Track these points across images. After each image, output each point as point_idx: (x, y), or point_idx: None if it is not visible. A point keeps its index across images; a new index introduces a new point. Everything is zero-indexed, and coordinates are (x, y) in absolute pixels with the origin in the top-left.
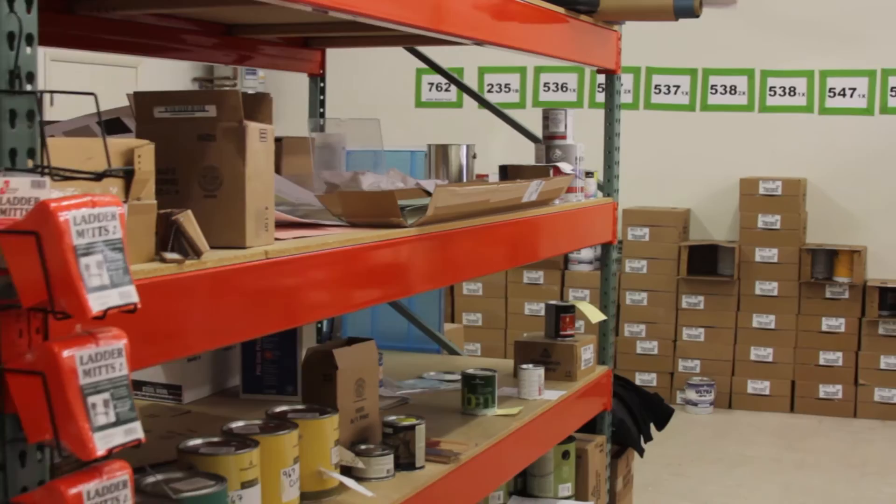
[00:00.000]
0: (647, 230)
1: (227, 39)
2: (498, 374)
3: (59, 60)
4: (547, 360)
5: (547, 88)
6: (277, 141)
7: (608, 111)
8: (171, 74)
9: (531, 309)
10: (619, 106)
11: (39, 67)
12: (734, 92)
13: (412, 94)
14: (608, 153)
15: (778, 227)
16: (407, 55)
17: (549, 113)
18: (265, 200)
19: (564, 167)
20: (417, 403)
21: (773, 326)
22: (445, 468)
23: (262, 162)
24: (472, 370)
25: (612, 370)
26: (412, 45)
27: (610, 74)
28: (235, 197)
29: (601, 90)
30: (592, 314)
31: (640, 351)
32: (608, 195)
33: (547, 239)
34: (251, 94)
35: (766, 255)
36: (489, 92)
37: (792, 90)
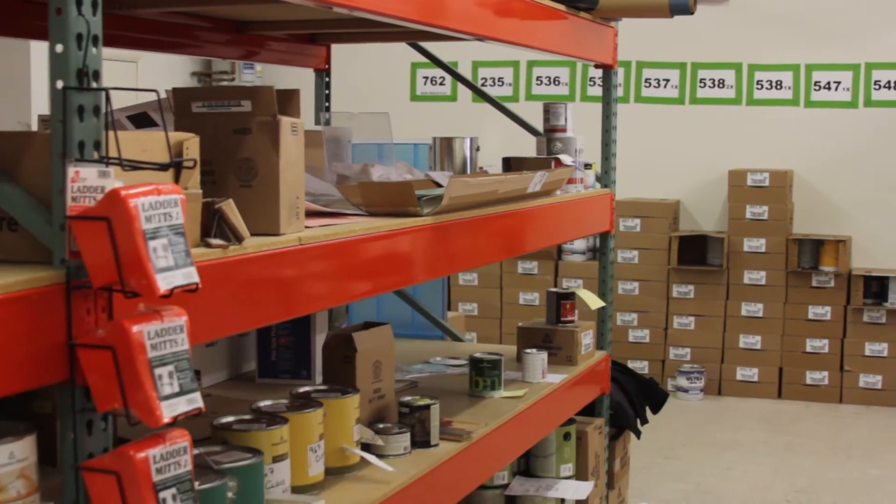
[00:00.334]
0: (638, 221)
1: (237, 36)
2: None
3: None
4: (549, 345)
5: (540, 82)
6: None
7: (605, 105)
8: (169, 69)
9: (526, 298)
10: (615, 100)
11: (43, 63)
12: (722, 85)
13: (407, 87)
14: (605, 146)
15: (765, 217)
16: (402, 49)
17: (549, 107)
18: (297, 190)
19: (565, 159)
20: (426, 387)
21: (761, 315)
22: (458, 446)
23: (293, 154)
24: (479, 354)
25: (609, 355)
26: (415, 40)
27: (607, 69)
28: (270, 187)
29: (592, 84)
30: (592, 301)
31: (632, 339)
32: (605, 186)
33: (551, 228)
34: (281, 89)
35: (753, 245)
36: (483, 85)
37: (778, 84)
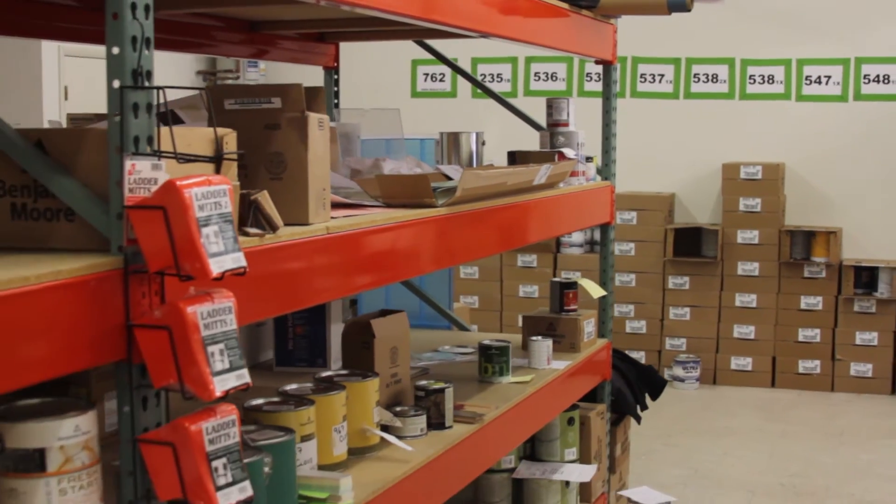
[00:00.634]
0: (634, 214)
1: (250, 35)
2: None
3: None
4: (553, 332)
5: (538, 78)
6: None
7: (605, 100)
8: (175, 67)
9: (525, 291)
10: (615, 95)
11: (54, 62)
12: (716, 80)
13: (408, 84)
14: (606, 139)
15: (758, 209)
16: (403, 47)
17: (552, 102)
18: (323, 182)
19: (568, 152)
20: (437, 373)
21: (754, 305)
22: (471, 428)
23: (320, 148)
24: (488, 341)
25: (611, 343)
26: (420, 38)
27: (607, 65)
28: (299, 179)
29: (589, 79)
30: (593, 290)
31: (629, 330)
32: (606, 179)
33: (555, 218)
34: (308, 87)
35: (747, 236)
36: (482, 81)
37: (770, 78)
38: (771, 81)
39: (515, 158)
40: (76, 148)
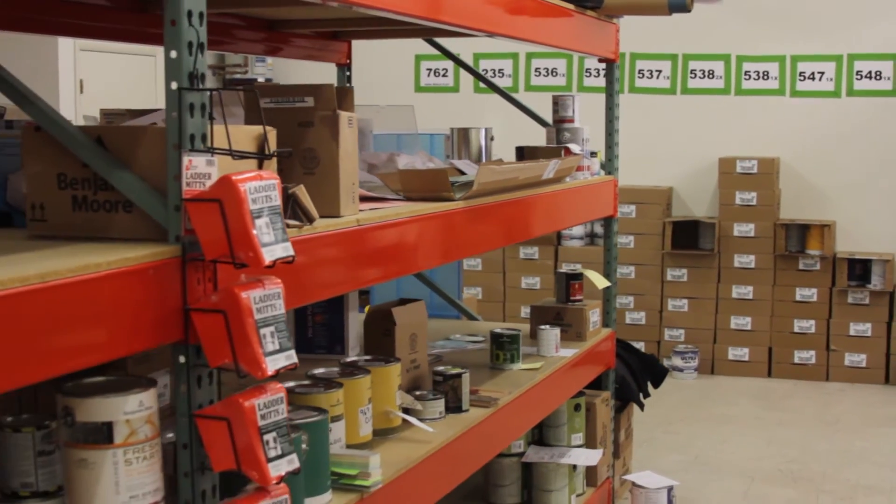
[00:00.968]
0: (633, 207)
1: (268, 34)
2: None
3: (86, 50)
4: (560, 322)
5: (538, 73)
6: None
7: (608, 97)
8: None
9: (527, 282)
10: (618, 91)
11: (69, 56)
12: (712, 76)
13: (411, 79)
14: (609, 135)
15: (754, 203)
16: (406, 43)
17: (558, 99)
18: (353, 177)
19: (574, 148)
20: (450, 360)
21: (750, 297)
22: (487, 411)
23: (350, 144)
24: (499, 329)
25: (615, 332)
26: (430, 37)
27: (609, 63)
28: (331, 174)
29: (588, 75)
30: (598, 281)
31: (628, 321)
32: (609, 173)
33: (563, 211)
34: (338, 87)
35: (743, 229)
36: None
37: (765, 74)
38: (766, 77)
39: (524, 154)
40: (134, 144)
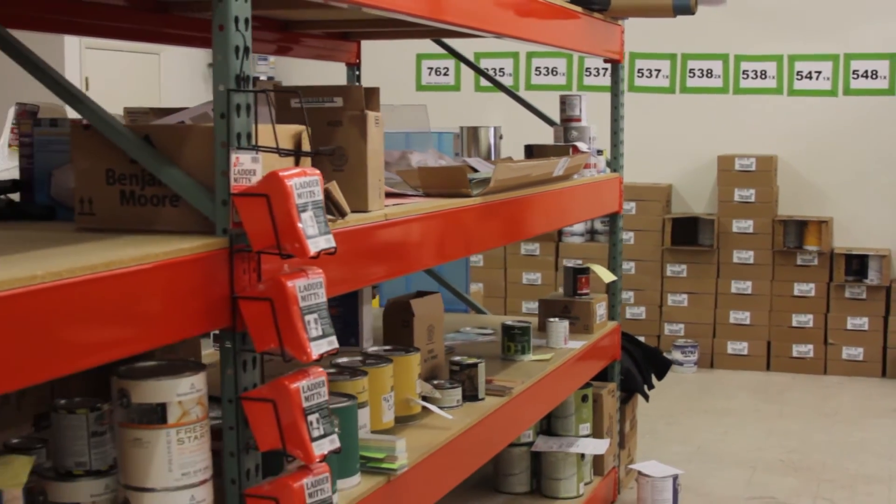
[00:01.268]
0: (633, 204)
1: (281, 34)
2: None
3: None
4: (567, 315)
5: (538, 73)
6: None
7: (613, 96)
8: (189, 60)
9: (528, 278)
10: (623, 91)
11: (75, 54)
12: (710, 75)
13: (413, 78)
14: (614, 133)
15: (752, 200)
16: (407, 42)
17: (566, 98)
18: (379, 174)
19: (581, 146)
20: (462, 352)
21: (749, 292)
22: (502, 400)
23: (377, 143)
24: (510, 322)
25: (620, 325)
26: (439, 37)
27: (615, 64)
28: (359, 171)
29: (588, 74)
30: (605, 275)
31: (629, 316)
32: (614, 171)
33: (572, 207)
34: (366, 87)
35: (742, 226)
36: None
37: (763, 73)
38: (763, 77)
39: (532, 152)
40: (181, 142)
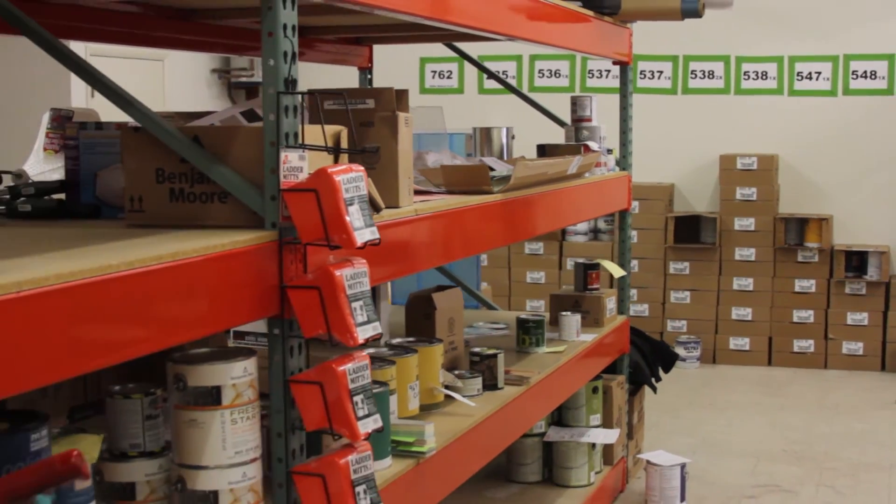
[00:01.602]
0: (636, 203)
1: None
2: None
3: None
4: (578, 309)
5: (542, 75)
6: None
7: (622, 97)
8: (194, 66)
9: (532, 277)
10: (631, 92)
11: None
12: (712, 76)
13: (416, 81)
14: (623, 133)
15: (754, 198)
16: (411, 45)
17: (577, 99)
18: (409, 172)
19: (592, 145)
20: (478, 345)
21: (751, 288)
22: (520, 389)
23: (407, 142)
24: (524, 315)
25: (629, 319)
26: (451, 41)
27: (623, 66)
28: (391, 169)
29: (591, 76)
30: (614, 270)
31: (632, 313)
32: (623, 169)
33: (585, 204)
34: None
35: (743, 224)
36: (489, 79)
37: (764, 74)
38: (764, 77)
39: (545, 151)
40: (229, 142)
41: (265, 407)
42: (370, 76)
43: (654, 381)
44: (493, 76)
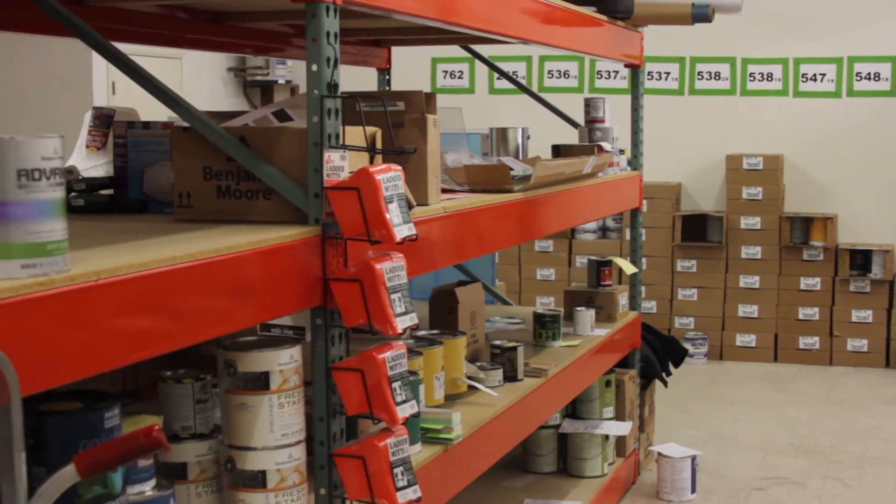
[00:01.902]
0: (644, 202)
1: None
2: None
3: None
4: (592, 304)
5: (551, 75)
6: None
7: (633, 98)
8: (209, 65)
9: (542, 274)
10: (643, 94)
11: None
12: (718, 78)
13: (428, 80)
14: (634, 134)
15: (760, 197)
16: (422, 46)
17: (590, 101)
18: (437, 171)
19: (605, 146)
20: (496, 339)
21: (757, 286)
22: (539, 381)
23: (435, 143)
24: (540, 310)
25: (640, 315)
26: (467, 44)
27: (635, 68)
28: (420, 168)
29: (599, 77)
30: (627, 267)
31: (640, 310)
32: (635, 169)
33: (599, 203)
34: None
35: (750, 222)
36: (499, 79)
37: (769, 76)
38: (770, 79)
39: (560, 151)
40: (274, 142)
41: (307, 392)
42: (388, 77)
43: (664, 375)
44: (507, 77)
